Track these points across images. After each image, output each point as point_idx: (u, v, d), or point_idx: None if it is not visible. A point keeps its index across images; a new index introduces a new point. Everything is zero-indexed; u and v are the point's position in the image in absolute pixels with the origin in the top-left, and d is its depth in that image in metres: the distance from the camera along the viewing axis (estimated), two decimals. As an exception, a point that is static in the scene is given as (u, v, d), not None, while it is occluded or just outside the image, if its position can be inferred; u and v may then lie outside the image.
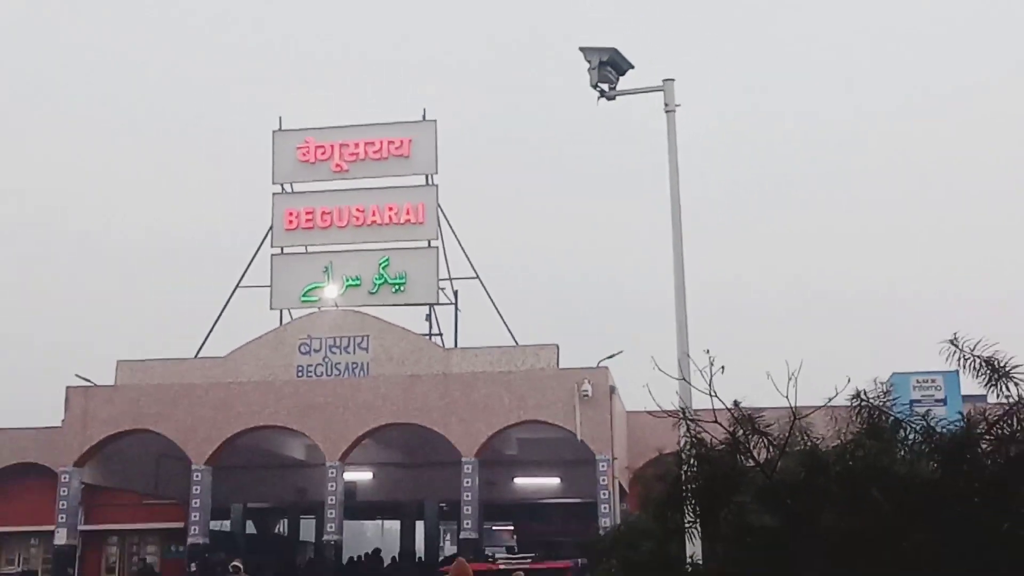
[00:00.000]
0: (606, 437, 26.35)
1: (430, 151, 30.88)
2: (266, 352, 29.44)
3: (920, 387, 23.57)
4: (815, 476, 6.43)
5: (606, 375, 26.96)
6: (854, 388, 6.76)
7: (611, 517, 24.83)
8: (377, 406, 27.41)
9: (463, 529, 27.09)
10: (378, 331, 29.33)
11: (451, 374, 27.89)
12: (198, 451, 27.77)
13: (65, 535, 28.13)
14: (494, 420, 26.92)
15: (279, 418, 27.85)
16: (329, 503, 27.33)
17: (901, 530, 5.88)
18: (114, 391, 28.97)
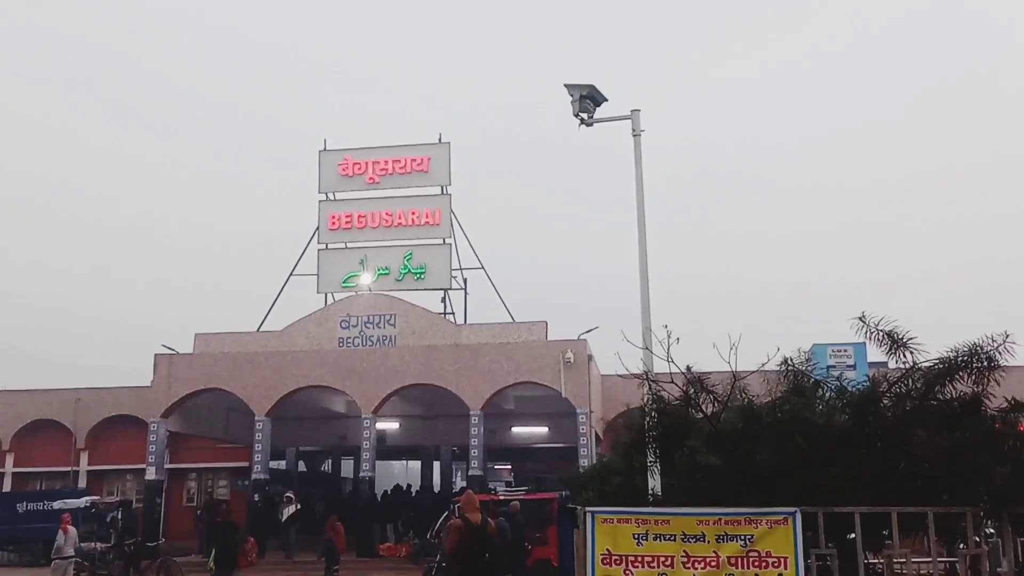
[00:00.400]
0: (585, 395, 26.38)
1: (445, 167, 30.84)
2: (314, 327, 29.40)
3: (835, 355, 23.54)
4: (751, 425, 6.45)
5: (585, 346, 26.97)
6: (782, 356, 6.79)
7: (588, 458, 24.85)
8: (402, 370, 27.39)
9: (471, 468, 27.13)
10: (403, 311, 29.30)
11: (461, 345, 27.88)
12: (260, 406, 27.77)
13: (154, 472, 28.22)
14: (495, 381, 26.94)
15: (324, 380, 27.83)
16: (364, 447, 27.38)
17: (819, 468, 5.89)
18: (192, 358, 28.91)
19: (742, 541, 5.59)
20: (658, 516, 5.75)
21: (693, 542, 5.66)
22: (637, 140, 11.83)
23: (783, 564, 5.56)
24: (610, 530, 5.76)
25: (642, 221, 11.33)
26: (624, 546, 5.73)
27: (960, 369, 5.78)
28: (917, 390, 5.97)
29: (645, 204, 11.38)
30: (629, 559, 5.73)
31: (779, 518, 5.60)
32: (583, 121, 12.10)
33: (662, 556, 5.70)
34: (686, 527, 5.68)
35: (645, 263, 11.13)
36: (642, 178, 11.52)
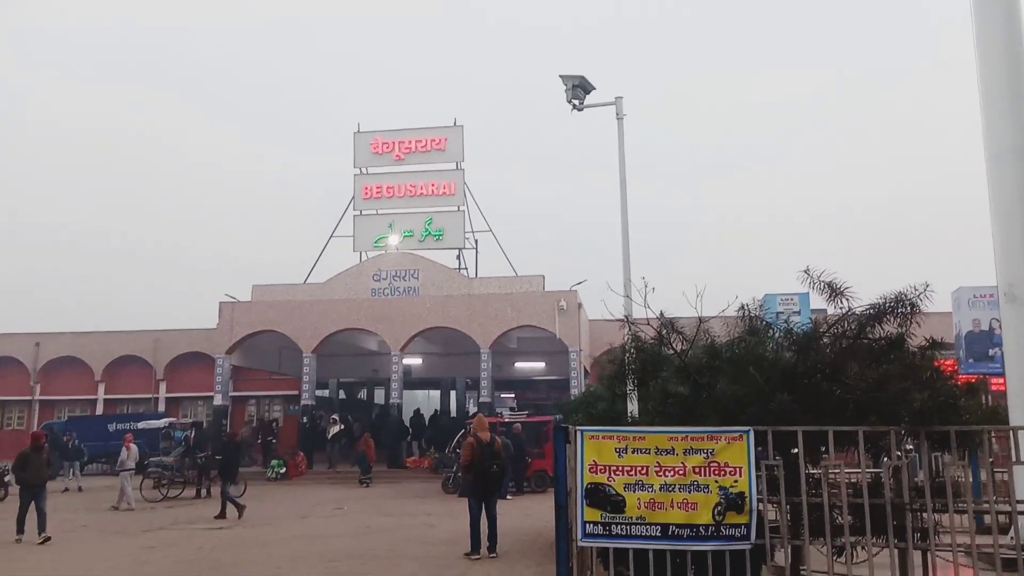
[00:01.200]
0: (575, 336, 26.45)
1: (459, 145, 30.62)
2: (351, 280, 29.43)
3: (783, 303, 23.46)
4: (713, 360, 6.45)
5: (575, 295, 26.97)
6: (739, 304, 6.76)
7: (578, 388, 25.00)
8: (424, 315, 27.44)
9: (481, 396, 27.31)
10: (425, 266, 29.30)
11: (473, 294, 27.89)
12: (307, 344, 27.87)
13: (220, 399, 28.46)
14: (501, 325, 27.00)
15: (360, 323, 27.89)
16: (393, 378, 27.54)
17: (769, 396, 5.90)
18: (251, 305, 28.96)
19: (704, 454, 5.64)
20: (636, 434, 5.80)
21: (664, 455, 5.71)
22: (620, 123, 11.70)
23: (738, 472, 5.61)
24: (596, 445, 5.81)
25: (624, 190, 11.25)
26: (607, 458, 5.79)
27: (887, 313, 5.76)
28: (851, 331, 5.95)
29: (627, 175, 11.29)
30: (611, 468, 5.78)
31: (735, 436, 5.64)
32: (575, 107, 11.97)
33: (639, 466, 5.76)
34: (659, 443, 5.73)
35: (626, 225, 11.08)
36: (624, 154, 11.42)
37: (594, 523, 5.70)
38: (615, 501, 5.69)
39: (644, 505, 5.62)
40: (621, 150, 11.37)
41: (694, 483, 5.58)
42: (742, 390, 6.03)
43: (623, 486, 5.70)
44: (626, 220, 11.06)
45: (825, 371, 5.90)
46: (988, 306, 20.52)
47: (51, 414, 35.49)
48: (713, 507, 5.53)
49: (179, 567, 10.37)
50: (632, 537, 5.62)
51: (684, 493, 5.59)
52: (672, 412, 6.44)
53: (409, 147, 30.91)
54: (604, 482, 5.71)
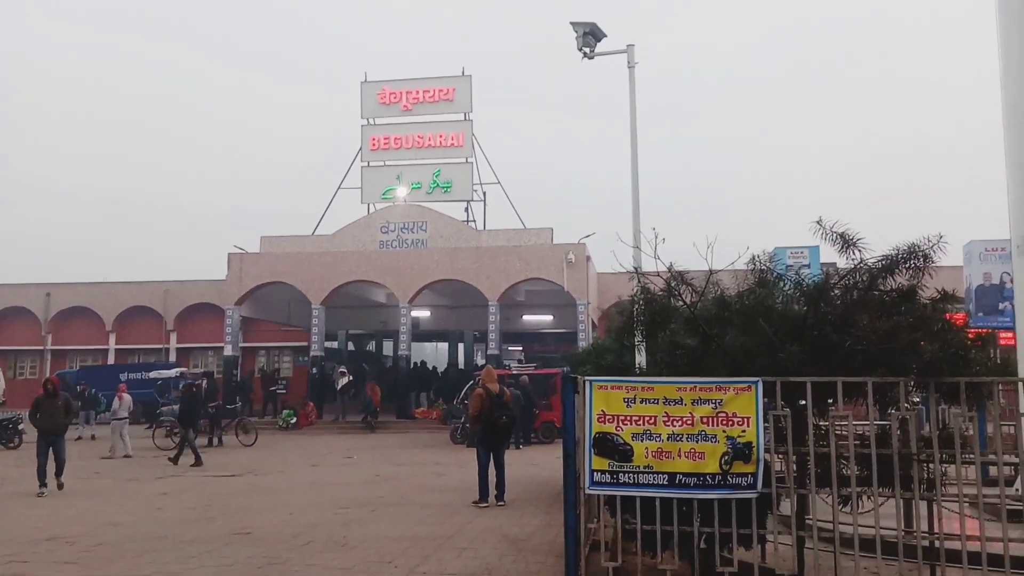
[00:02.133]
0: (583, 289, 26.46)
1: (467, 96, 30.25)
2: (359, 232, 29.37)
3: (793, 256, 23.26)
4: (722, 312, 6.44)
5: (584, 248, 26.91)
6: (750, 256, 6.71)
7: (586, 341, 25.09)
8: (432, 268, 27.45)
9: (489, 348, 27.48)
10: (433, 219, 29.19)
11: (481, 247, 27.86)
12: (315, 296, 27.98)
13: (231, 349, 28.69)
14: (509, 277, 27.00)
15: (369, 275, 27.94)
16: (401, 331, 27.69)
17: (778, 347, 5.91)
18: (259, 256, 29.01)
19: (713, 404, 5.67)
20: (644, 384, 5.83)
21: (673, 405, 5.75)
22: (632, 72, 11.52)
23: (746, 423, 5.64)
24: (604, 395, 5.85)
25: (634, 140, 11.13)
26: (616, 408, 5.83)
27: (899, 265, 5.73)
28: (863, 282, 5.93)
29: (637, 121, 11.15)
30: (620, 418, 5.83)
31: (743, 386, 5.66)
32: (585, 55, 11.76)
33: (647, 416, 5.80)
34: (667, 393, 5.76)
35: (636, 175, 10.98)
36: (635, 104, 11.26)
37: (602, 471, 5.76)
38: (623, 450, 5.74)
39: (652, 454, 5.67)
40: (632, 99, 11.21)
41: (702, 433, 5.62)
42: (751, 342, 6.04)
43: (631, 435, 5.74)
44: (636, 170, 10.96)
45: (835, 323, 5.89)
46: (1000, 260, 20.37)
47: (63, 364, 35.93)
48: (720, 456, 5.58)
49: (192, 512, 10.58)
50: (639, 485, 5.69)
51: (692, 443, 5.63)
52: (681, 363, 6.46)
53: (417, 97, 30.59)
54: (612, 432, 5.75)
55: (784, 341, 5.81)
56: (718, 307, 6.44)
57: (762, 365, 5.81)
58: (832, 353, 5.74)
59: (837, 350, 5.72)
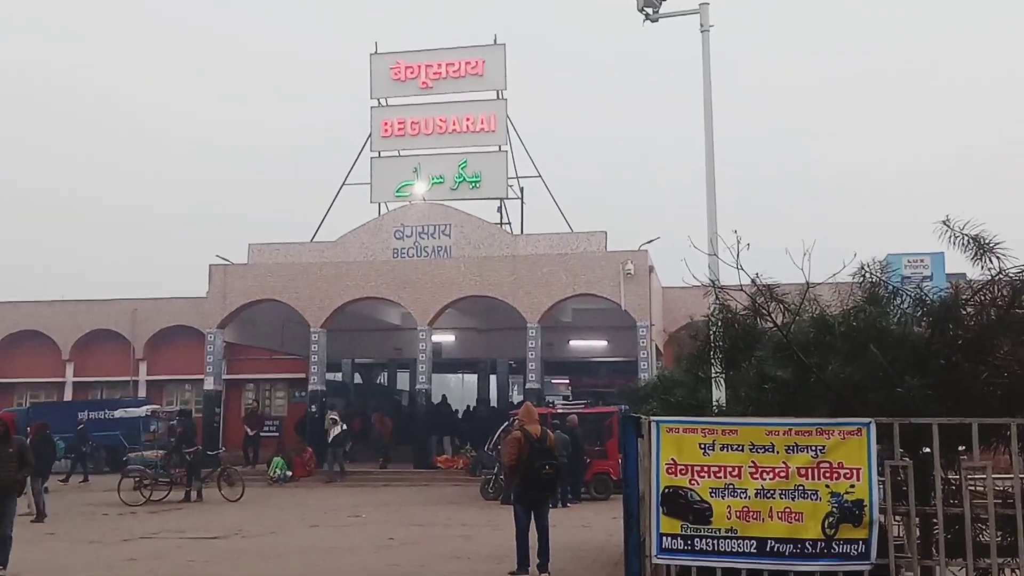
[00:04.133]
0: (645, 307, 26.36)
1: (500, 70, 30.46)
2: (368, 237, 29.64)
3: (911, 266, 23.00)
4: (823, 335, 6.38)
5: (646, 256, 26.85)
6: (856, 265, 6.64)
7: (649, 372, 24.95)
8: (458, 282, 27.58)
9: (528, 381, 27.43)
10: (458, 221, 29.35)
11: (518, 256, 27.92)
12: (315, 317, 28.26)
13: (212, 382, 29.08)
14: (553, 293, 27.00)
15: (379, 291, 28.15)
16: (420, 359, 27.79)
17: (894, 380, 5.82)
18: (247, 268, 29.41)
19: (813, 451, 5.60)
20: (725, 426, 5.78)
21: (762, 452, 5.69)
22: (705, 36, 11.48)
23: (855, 475, 5.56)
24: (675, 440, 5.81)
25: (710, 122, 11.08)
26: (690, 455, 5.79)
27: (1051, 277, 5.63)
28: (1002, 299, 5.83)
29: (712, 102, 11.11)
30: (695, 468, 5.78)
31: (852, 429, 5.59)
32: (647, 16, 11.74)
33: (729, 466, 5.75)
34: (754, 437, 5.71)
35: (712, 165, 10.93)
36: (710, 76, 11.23)
37: (673, 536, 5.73)
38: (699, 509, 5.71)
39: (736, 514, 5.63)
40: (706, 70, 11.17)
41: (799, 488, 5.57)
42: (860, 373, 5.98)
43: (709, 491, 5.71)
44: (712, 160, 10.91)
45: (967, 349, 5.81)
46: None
47: (9, 400, 36.62)
48: (823, 518, 5.53)
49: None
50: (720, 554, 5.64)
51: (787, 500, 5.59)
52: (770, 400, 6.42)
53: (438, 72, 30.87)
54: (685, 486, 5.73)
55: (902, 372, 5.74)
56: (817, 329, 6.39)
57: (875, 402, 5.75)
58: (964, 387, 5.65)
59: (970, 384, 5.63)
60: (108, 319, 36.44)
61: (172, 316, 35.81)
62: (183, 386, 36.14)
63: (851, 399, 5.96)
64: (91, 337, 36.52)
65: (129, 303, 36.43)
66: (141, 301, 36.43)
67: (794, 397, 6.42)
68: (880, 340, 6.04)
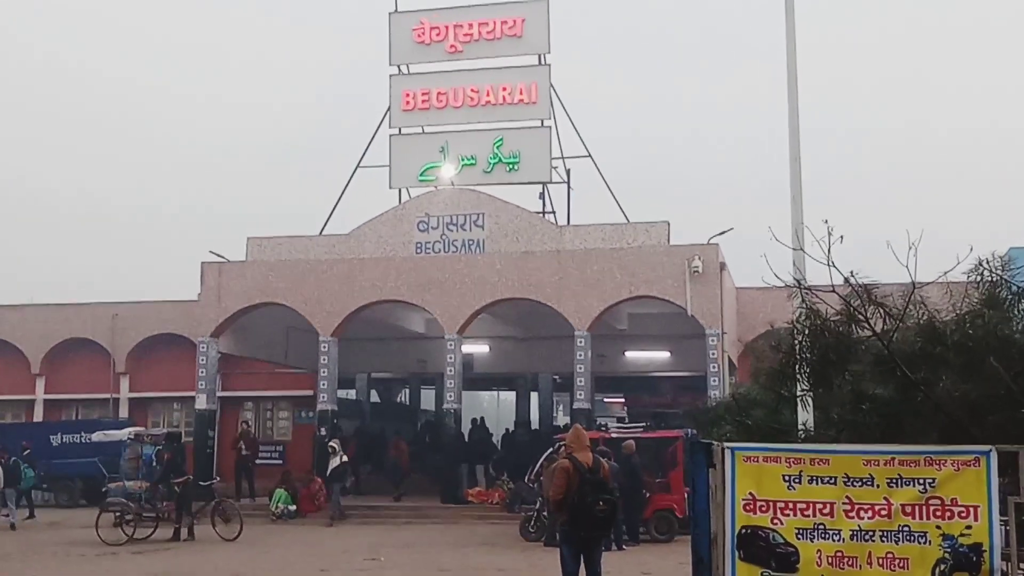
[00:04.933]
0: (716, 312, 26.22)
1: (543, 30, 30.46)
2: (386, 229, 29.80)
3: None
4: (931, 346, 6.32)
5: (716, 251, 26.70)
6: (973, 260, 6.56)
7: (720, 389, 24.83)
8: (493, 282, 27.63)
9: (576, 400, 27.44)
10: (493, 209, 29.41)
11: (564, 251, 27.94)
12: (325, 323, 28.46)
13: (205, 400, 29.37)
14: (606, 295, 26.95)
15: (400, 292, 28.28)
16: (448, 374, 27.86)
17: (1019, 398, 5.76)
18: (245, 266, 29.69)
19: (921, 486, 5.56)
20: (815, 454, 5.77)
21: (859, 486, 5.66)
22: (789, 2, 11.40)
23: (972, 514, 5.50)
24: (754, 470, 5.80)
25: (794, 87, 10.97)
26: (772, 490, 5.77)
27: None
28: None
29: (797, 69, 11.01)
30: (778, 505, 5.76)
31: (969, 458, 5.53)
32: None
33: (819, 503, 5.72)
34: (850, 468, 5.68)
35: (797, 142, 10.82)
36: (794, 33, 11.13)
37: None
38: (783, 554, 5.72)
39: (827, 560, 5.64)
40: (790, 26, 11.06)
41: (904, 528, 5.55)
42: (977, 390, 5.93)
43: (795, 532, 5.70)
44: (796, 136, 10.79)
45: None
46: None
47: (-29, 421, 37.21)
48: (933, 565, 5.52)
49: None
50: (808, 607, 5.63)
51: (889, 544, 5.57)
52: (869, 423, 6.38)
53: (469, 33, 30.96)
54: (766, 525, 5.74)
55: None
56: (925, 339, 6.34)
57: (995, 426, 5.70)
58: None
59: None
60: (84, 326, 36.84)
61: (158, 323, 36.16)
62: (171, 405, 36.55)
63: (967, 422, 5.90)
64: (65, 347, 36.96)
65: (108, 308, 36.77)
66: (122, 305, 36.75)
67: (897, 420, 6.38)
68: (1002, 351, 5.97)
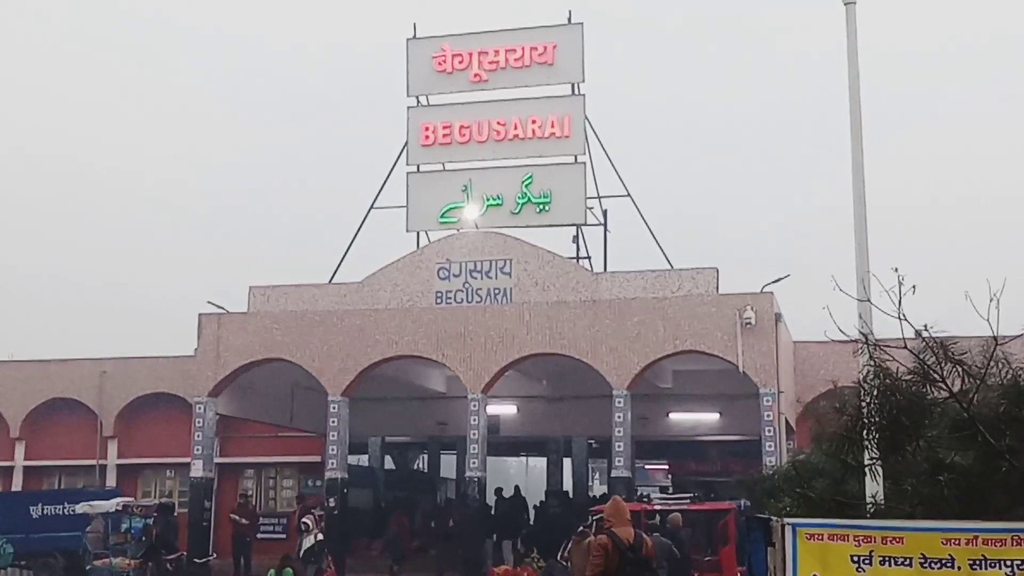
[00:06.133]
0: (771, 368, 26.07)
1: (576, 57, 30.65)
2: (403, 277, 29.89)
3: None
4: (1017, 408, 6.26)
5: (771, 301, 26.59)
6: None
7: (777, 455, 24.64)
8: (521, 335, 27.62)
9: (614, 467, 27.24)
10: (521, 254, 29.47)
11: (600, 300, 27.89)
12: (334, 381, 28.47)
13: (201, 467, 29.22)
14: (647, 350, 26.87)
15: (418, 347, 28.30)
16: (471, 438, 27.75)
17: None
18: (247, 318, 29.80)
19: (1008, 567, 5.51)
20: (887, 532, 5.72)
21: (937, 568, 5.61)
22: (850, 9, 11.44)
23: (1070, 603, 5.42)
24: (819, 549, 5.76)
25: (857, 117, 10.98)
26: (839, 572, 5.73)
27: None
28: None
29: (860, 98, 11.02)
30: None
31: (1062, 537, 5.45)
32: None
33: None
34: (927, 547, 5.63)
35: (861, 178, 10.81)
36: (857, 64, 11.14)
37: None
38: (852, 645, 5.62)
39: (902, 653, 5.54)
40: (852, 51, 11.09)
41: (990, 618, 5.46)
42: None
43: (865, 620, 5.61)
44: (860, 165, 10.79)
45: None
46: None
47: (-55, 489, 37.35)
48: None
49: None
50: None
51: (973, 634, 5.47)
52: (947, 496, 6.32)
53: (496, 61, 31.20)
54: (833, 612, 5.64)
55: None
56: (1010, 400, 6.30)
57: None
58: None
59: None
60: (69, 385, 37.00)
61: (150, 381, 36.29)
62: (163, 472, 36.59)
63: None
64: (47, 409, 37.11)
65: (95, 364, 36.94)
66: (111, 361, 36.91)
67: (980, 492, 6.32)
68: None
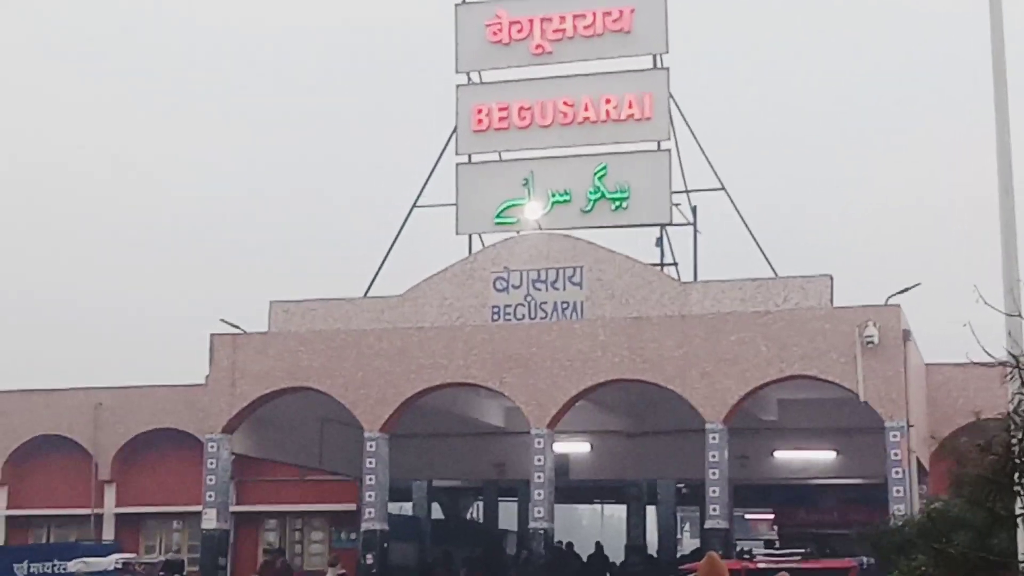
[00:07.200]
0: (899, 397, 25.83)
1: (659, 24, 30.50)
2: (453, 289, 29.90)
3: None
4: None
5: (898, 315, 26.36)
6: None
7: (907, 502, 24.43)
8: (595, 357, 27.56)
9: (709, 516, 27.12)
10: (594, 260, 29.40)
11: (690, 316, 27.81)
12: (371, 415, 28.51)
13: (215, 517, 29.28)
14: (747, 375, 26.76)
15: (470, 373, 28.33)
16: (536, 481, 27.72)
17: None
18: (267, 339, 29.90)
19: None
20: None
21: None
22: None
23: None
24: (960, 619, 5.71)
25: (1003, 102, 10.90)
26: (986, 645, 5.68)
27: None
28: None
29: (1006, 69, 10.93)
30: (994, 667, 5.66)
31: None
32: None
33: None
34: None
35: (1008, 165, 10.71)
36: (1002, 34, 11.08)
37: None
38: None
39: None
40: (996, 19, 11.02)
41: None
42: None
43: None
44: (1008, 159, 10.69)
45: None
46: None
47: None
48: None
49: None
50: None
51: None
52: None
53: (561, 29, 31.16)
54: None
55: None
56: None
57: None
58: None
59: None
60: (60, 420, 37.19)
61: (154, 415, 36.42)
62: (170, 523, 36.84)
63: None
64: (34, 447, 37.41)
65: (90, 395, 37.10)
66: (108, 392, 37.07)
67: None
68: None
